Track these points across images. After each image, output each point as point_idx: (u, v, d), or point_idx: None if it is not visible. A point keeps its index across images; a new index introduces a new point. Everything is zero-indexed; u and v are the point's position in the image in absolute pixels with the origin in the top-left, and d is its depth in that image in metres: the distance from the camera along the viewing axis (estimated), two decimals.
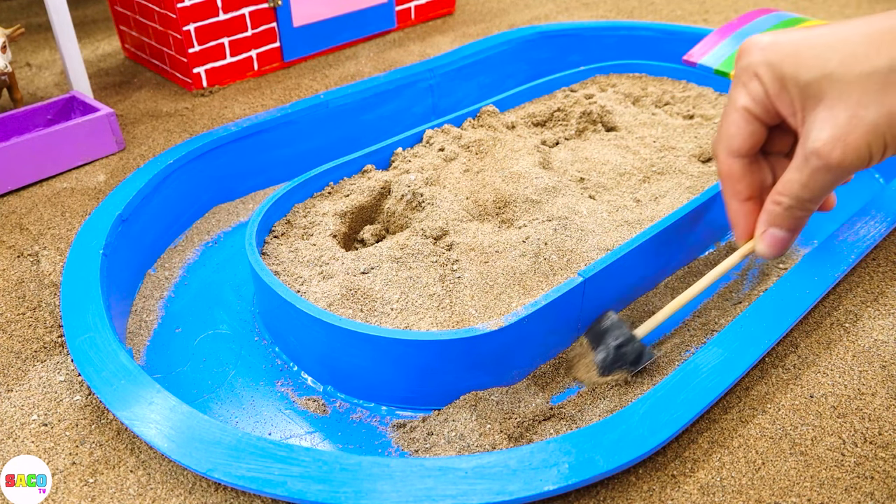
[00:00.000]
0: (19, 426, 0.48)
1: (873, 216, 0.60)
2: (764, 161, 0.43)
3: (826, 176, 0.36)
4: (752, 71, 0.37)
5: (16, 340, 0.55)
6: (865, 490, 0.42)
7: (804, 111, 0.36)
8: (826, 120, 0.34)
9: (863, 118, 0.33)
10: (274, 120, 0.76)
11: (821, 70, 0.34)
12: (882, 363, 0.51)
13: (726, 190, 0.43)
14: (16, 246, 0.66)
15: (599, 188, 0.67)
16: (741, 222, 0.43)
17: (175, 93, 0.96)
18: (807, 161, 0.36)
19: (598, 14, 1.24)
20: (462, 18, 1.22)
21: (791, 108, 0.37)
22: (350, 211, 0.64)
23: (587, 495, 0.42)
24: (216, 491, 0.43)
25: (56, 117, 0.83)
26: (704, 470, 0.43)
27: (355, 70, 1.01)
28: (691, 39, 0.93)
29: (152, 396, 0.45)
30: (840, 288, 0.58)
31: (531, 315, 0.49)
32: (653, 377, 0.52)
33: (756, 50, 0.37)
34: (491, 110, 0.77)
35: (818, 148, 0.35)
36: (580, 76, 0.89)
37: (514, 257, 0.56)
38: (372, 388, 0.51)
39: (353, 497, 0.38)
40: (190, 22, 0.90)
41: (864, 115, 0.33)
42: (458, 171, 0.67)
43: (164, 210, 0.68)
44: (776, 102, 0.37)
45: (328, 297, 0.53)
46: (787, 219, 0.40)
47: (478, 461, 0.40)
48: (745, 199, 0.43)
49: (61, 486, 0.44)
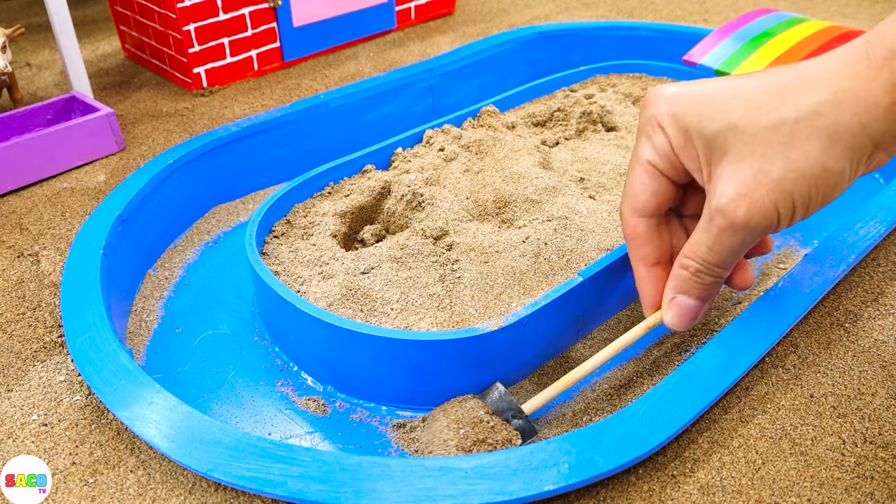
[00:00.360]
0: (19, 426, 0.48)
1: (873, 216, 0.60)
2: (677, 223, 0.39)
3: (733, 237, 0.33)
4: (655, 122, 0.35)
5: (16, 340, 0.55)
6: (865, 490, 0.42)
7: (710, 166, 0.33)
8: (731, 175, 0.32)
9: (768, 174, 0.31)
10: (274, 120, 0.76)
11: (724, 121, 0.32)
12: (882, 363, 0.51)
13: (632, 253, 0.39)
14: (16, 246, 0.66)
15: (599, 188, 0.67)
16: (648, 290, 0.40)
17: (175, 93, 0.96)
18: (712, 221, 0.33)
19: (598, 14, 1.24)
20: (462, 18, 1.22)
21: (696, 162, 0.34)
22: (350, 211, 0.64)
23: (587, 495, 0.42)
24: (216, 491, 0.43)
25: (56, 117, 0.83)
26: (704, 470, 0.43)
27: (355, 70, 1.01)
28: (691, 39, 0.93)
29: (152, 396, 0.45)
30: (840, 288, 0.58)
31: (531, 315, 0.49)
32: (653, 377, 0.53)
33: (661, 100, 0.34)
34: (491, 110, 0.77)
35: (723, 206, 0.32)
36: (580, 76, 0.89)
37: (514, 257, 0.56)
38: (372, 388, 0.51)
39: (353, 497, 0.38)
40: (190, 22, 0.90)
41: (769, 170, 0.31)
42: (458, 171, 0.67)
43: (164, 210, 0.68)
44: (681, 156, 0.34)
45: (328, 297, 0.53)
46: (696, 285, 0.37)
47: (478, 461, 0.40)
48: (653, 263, 0.39)
49: (61, 486, 0.44)
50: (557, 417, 0.50)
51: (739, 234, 0.33)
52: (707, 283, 0.37)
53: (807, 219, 0.34)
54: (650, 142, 0.35)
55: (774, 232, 0.33)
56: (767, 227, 0.32)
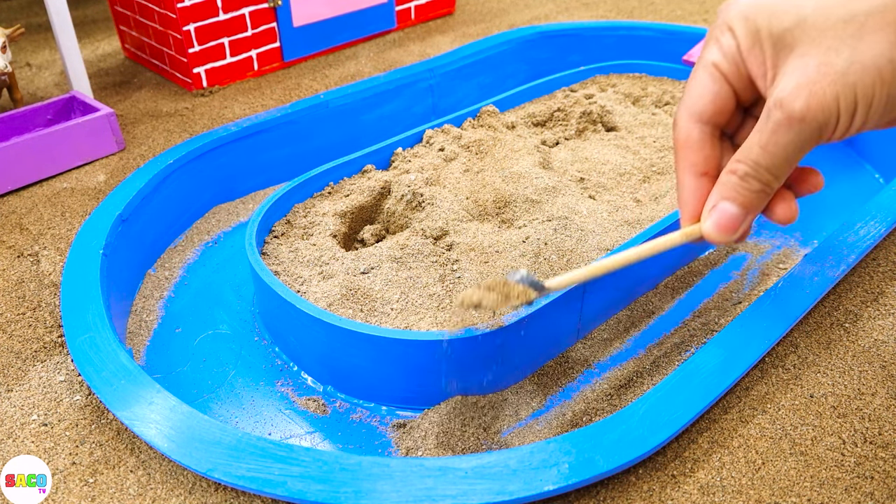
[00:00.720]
0: (19, 426, 0.48)
1: (873, 216, 0.60)
2: (730, 146, 0.38)
3: (788, 133, 0.32)
4: (726, 25, 0.34)
5: (16, 340, 0.55)
6: (865, 490, 0.42)
7: (775, 68, 0.32)
8: (795, 69, 0.31)
9: (833, 65, 0.30)
10: (274, 120, 0.76)
11: (795, 17, 0.31)
12: (882, 363, 0.51)
13: (680, 161, 0.37)
14: (16, 246, 0.66)
15: (599, 188, 0.67)
16: (690, 200, 0.37)
17: (175, 93, 0.96)
18: (769, 116, 0.32)
19: (598, 14, 1.24)
20: (462, 18, 1.22)
21: (762, 66, 0.33)
22: (350, 211, 0.64)
23: (587, 495, 0.42)
24: (216, 491, 0.43)
25: (56, 117, 0.83)
26: (704, 470, 0.43)
27: (355, 70, 1.01)
28: (691, 39, 0.93)
29: (152, 396, 0.45)
30: (840, 288, 0.58)
31: (531, 315, 0.49)
32: (653, 377, 0.53)
33: (733, 5, 0.34)
34: (491, 110, 0.77)
35: (781, 98, 0.31)
36: (580, 76, 0.89)
37: (514, 257, 0.56)
38: (372, 388, 0.51)
39: (353, 497, 0.38)
40: (190, 22, 0.90)
41: (834, 62, 0.30)
42: (458, 171, 0.67)
43: (164, 210, 0.68)
44: (747, 59, 0.33)
45: (328, 297, 0.53)
46: (743, 191, 0.34)
47: (478, 461, 0.40)
48: (701, 173, 0.36)
49: (61, 486, 0.44)
50: (557, 417, 0.50)
51: (796, 129, 0.31)
52: (754, 190, 0.34)
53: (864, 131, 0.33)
54: (717, 44, 0.34)
55: (830, 137, 0.32)
56: (826, 123, 0.31)
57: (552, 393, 0.52)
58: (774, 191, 0.35)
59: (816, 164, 0.37)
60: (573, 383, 0.53)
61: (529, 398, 0.51)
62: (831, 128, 0.31)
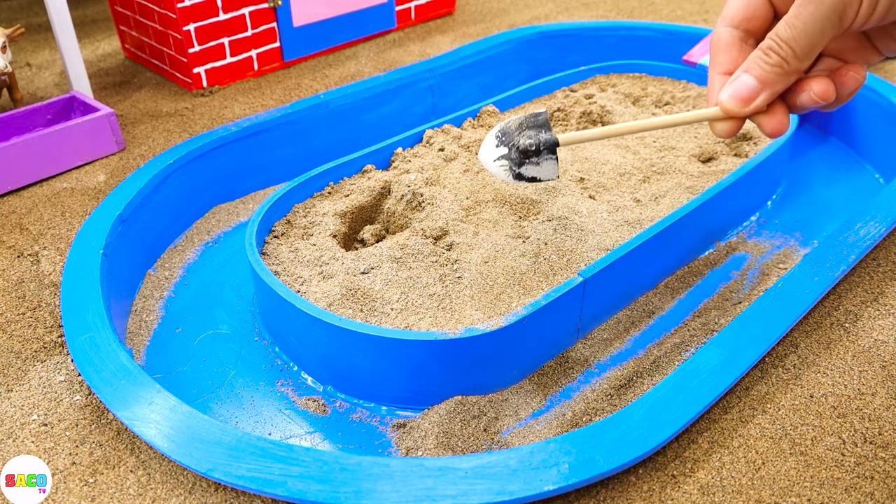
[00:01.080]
0: (19, 426, 0.48)
1: (873, 216, 0.60)
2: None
3: (811, 6, 0.32)
4: None
5: (16, 340, 0.55)
6: (865, 490, 0.42)
7: None
8: None
9: None
10: (274, 120, 0.76)
11: None
12: (882, 363, 0.51)
13: (711, 61, 0.39)
14: (16, 246, 0.66)
15: (599, 188, 0.67)
16: (715, 96, 0.38)
17: (175, 93, 0.96)
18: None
19: (598, 14, 1.24)
20: (462, 18, 1.22)
21: None
22: (350, 211, 0.64)
23: (587, 495, 0.42)
24: (216, 491, 0.43)
25: (56, 117, 0.83)
26: (704, 470, 0.43)
27: (355, 70, 1.01)
28: (691, 39, 0.93)
29: (152, 396, 0.45)
30: (840, 288, 0.58)
31: (531, 315, 0.49)
32: (653, 377, 0.53)
33: None
34: (491, 110, 0.77)
35: None
36: (580, 76, 0.89)
37: (514, 257, 0.56)
38: (372, 388, 0.51)
39: (353, 497, 0.38)
40: (190, 22, 0.90)
41: None
42: (458, 171, 0.67)
43: (164, 210, 0.68)
44: None
45: (328, 297, 0.53)
46: (763, 63, 0.35)
47: (478, 461, 0.40)
48: (725, 72, 0.38)
49: (61, 486, 0.44)
50: (557, 417, 0.50)
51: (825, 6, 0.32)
52: (773, 63, 0.35)
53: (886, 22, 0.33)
54: None
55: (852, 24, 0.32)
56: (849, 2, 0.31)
57: (552, 393, 0.52)
58: (793, 72, 0.35)
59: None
60: (573, 383, 0.53)
61: (529, 398, 0.51)
62: (854, 9, 0.32)
